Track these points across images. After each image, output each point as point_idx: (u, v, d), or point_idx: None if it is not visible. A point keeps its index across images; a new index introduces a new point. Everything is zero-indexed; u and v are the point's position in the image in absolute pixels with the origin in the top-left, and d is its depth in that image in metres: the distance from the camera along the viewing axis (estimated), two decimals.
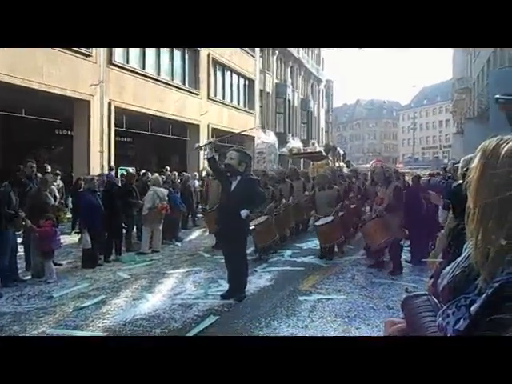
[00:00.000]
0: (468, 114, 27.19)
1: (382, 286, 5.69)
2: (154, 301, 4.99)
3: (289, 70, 28.96)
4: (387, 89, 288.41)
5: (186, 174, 11.80)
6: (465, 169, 2.42)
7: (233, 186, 5.01)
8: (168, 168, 12.34)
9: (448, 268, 0.88)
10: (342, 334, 4.00)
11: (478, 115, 22.31)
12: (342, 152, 21.44)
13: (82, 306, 4.77)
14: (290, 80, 28.74)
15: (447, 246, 2.50)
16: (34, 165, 7.31)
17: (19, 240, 6.25)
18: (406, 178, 11.33)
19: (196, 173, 13.11)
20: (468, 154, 4.07)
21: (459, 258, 0.86)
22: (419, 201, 6.60)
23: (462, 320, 0.79)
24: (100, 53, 12.45)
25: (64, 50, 10.96)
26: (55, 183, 9.17)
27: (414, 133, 62.38)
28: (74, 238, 8.63)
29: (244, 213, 4.91)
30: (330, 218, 6.98)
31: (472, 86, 27.60)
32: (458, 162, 4.64)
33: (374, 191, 6.98)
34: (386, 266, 6.56)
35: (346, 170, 13.83)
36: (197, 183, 12.14)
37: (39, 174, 7.53)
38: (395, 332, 1.03)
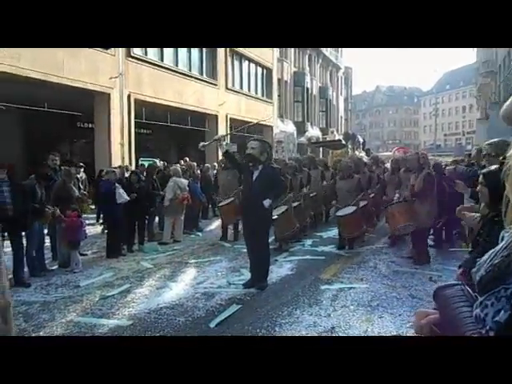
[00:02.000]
0: (493, 99, 26.33)
1: (404, 275, 5.63)
2: (177, 290, 5.07)
3: (307, 57, 28.57)
4: (408, 74, 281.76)
5: (206, 165, 11.86)
6: (502, 157, 2.34)
7: (254, 176, 5.01)
8: (187, 159, 12.41)
9: (485, 257, 0.86)
10: (366, 323, 3.98)
11: (504, 99, 21.59)
12: (361, 140, 21.14)
13: (108, 294, 4.89)
14: (308, 68, 28.37)
15: (477, 234, 2.44)
16: (57, 157, 7.43)
17: (45, 231, 6.41)
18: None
19: (215, 163, 13.14)
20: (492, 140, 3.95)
21: (498, 247, 0.83)
22: (443, 187, 6.46)
23: (502, 312, 0.77)
24: None
25: None
26: (78, 175, 9.36)
27: (436, 119, 60.85)
28: (97, 229, 8.82)
29: (267, 202, 4.91)
30: (352, 209, 6.85)
31: (497, 70, 26.68)
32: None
33: (397, 179, 6.86)
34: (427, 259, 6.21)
35: (365, 159, 13.63)
36: None
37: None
38: (428, 324, 1.01)
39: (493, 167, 2.38)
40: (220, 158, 15.53)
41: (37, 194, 5.56)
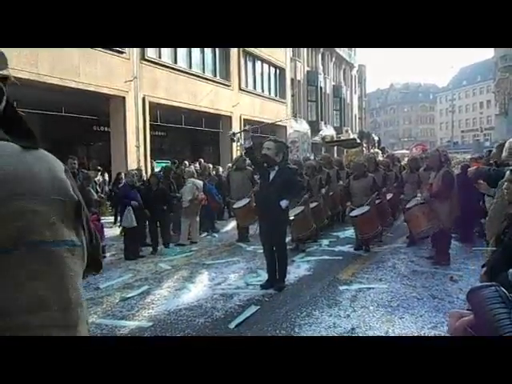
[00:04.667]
0: None
1: (424, 275, 5.55)
2: (196, 291, 5.09)
3: (320, 56, 28.44)
4: (423, 71, 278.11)
5: (218, 167, 11.91)
6: None
7: (271, 177, 4.99)
8: (202, 160, 12.49)
9: None
10: (386, 324, 3.93)
11: None
12: (376, 138, 20.96)
13: (128, 296, 4.93)
14: (321, 67, 28.24)
15: (501, 232, 2.38)
16: (75, 161, 7.54)
17: None
18: None
19: (230, 164, 13.19)
20: None
21: None
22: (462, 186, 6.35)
23: None
24: (133, 49, 12.66)
25: (99, 49, 11.23)
26: (96, 178, 9.51)
27: (452, 116, 59.92)
28: (115, 231, 8.92)
29: (284, 203, 4.89)
30: (365, 208, 6.73)
31: None
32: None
33: (416, 178, 6.77)
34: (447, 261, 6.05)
35: (380, 157, 13.48)
36: None
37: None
38: (462, 325, 0.99)
39: None
40: (235, 157, 15.59)
41: None
